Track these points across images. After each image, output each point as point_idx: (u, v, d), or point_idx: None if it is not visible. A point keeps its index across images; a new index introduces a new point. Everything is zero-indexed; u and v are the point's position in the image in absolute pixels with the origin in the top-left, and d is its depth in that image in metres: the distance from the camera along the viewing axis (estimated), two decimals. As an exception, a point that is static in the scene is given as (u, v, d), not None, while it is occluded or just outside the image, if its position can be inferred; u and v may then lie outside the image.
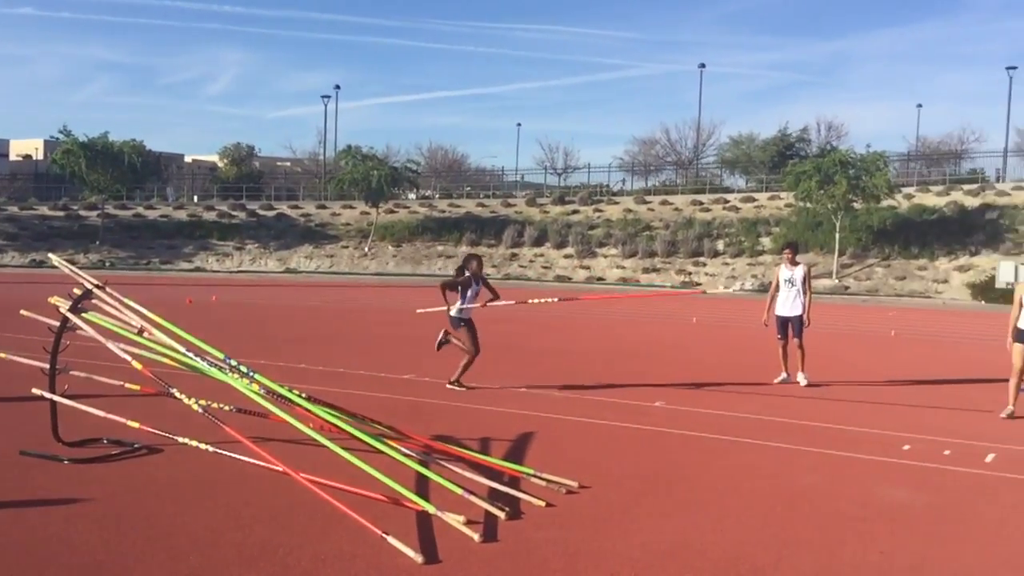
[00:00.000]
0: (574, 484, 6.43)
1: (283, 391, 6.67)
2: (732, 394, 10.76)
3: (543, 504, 5.98)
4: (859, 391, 11.31)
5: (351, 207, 52.21)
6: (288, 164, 77.33)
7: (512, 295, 12.80)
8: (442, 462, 6.81)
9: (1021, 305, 9.50)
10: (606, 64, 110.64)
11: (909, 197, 42.82)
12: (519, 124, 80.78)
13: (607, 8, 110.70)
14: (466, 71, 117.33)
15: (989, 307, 30.94)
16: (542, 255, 46.28)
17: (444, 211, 52.56)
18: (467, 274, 10.56)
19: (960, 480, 6.99)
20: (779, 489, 6.56)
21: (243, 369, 6.74)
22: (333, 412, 6.82)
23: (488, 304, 10.71)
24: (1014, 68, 50.09)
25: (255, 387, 6.58)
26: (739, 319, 21.83)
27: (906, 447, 8.06)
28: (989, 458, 7.73)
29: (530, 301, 12.10)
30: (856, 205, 39.42)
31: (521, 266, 45.64)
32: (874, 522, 5.84)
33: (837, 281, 37.93)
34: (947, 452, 7.90)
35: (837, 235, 38.79)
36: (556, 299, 12.35)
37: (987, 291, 33.67)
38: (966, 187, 43.53)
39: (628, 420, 8.96)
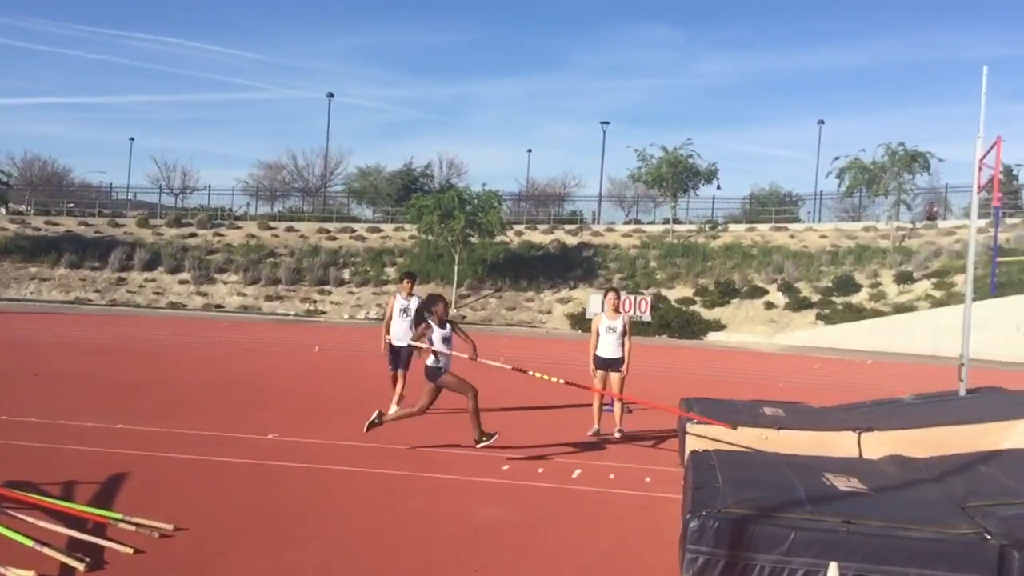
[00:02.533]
0: (168, 527, 5.94)
1: None
2: (347, 423, 10.72)
3: (131, 551, 5.45)
4: (466, 415, 11.82)
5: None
6: None
7: (125, 323, 11.67)
8: (12, 512, 5.95)
9: (598, 334, 10.65)
10: (232, 84, 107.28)
11: (519, 234, 46.41)
12: (132, 139, 75.35)
13: (234, 27, 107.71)
14: (70, 77, 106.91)
15: (585, 335, 34.40)
16: (154, 280, 43.28)
17: (40, 229, 47.22)
18: (429, 321, 9.27)
19: (551, 496, 7.54)
20: (388, 516, 6.60)
21: None
22: None
23: (478, 360, 9.59)
24: (607, 123, 56.79)
25: None
26: (362, 348, 22.00)
27: (505, 467, 8.56)
28: (576, 474, 8.45)
29: (532, 373, 10.45)
30: (473, 239, 41.85)
31: (130, 291, 42.27)
32: (473, 541, 6.08)
33: (456, 311, 39.88)
34: (541, 470, 8.51)
35: (456, 267, 40.86)
36: (562, 380, 9.96)
37: (583, 321, 37.38)
38: (567, 227, 48.21)
39: (236, 455, 8.53)
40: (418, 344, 9.34)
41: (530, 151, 68.83)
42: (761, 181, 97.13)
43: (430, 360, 9.29)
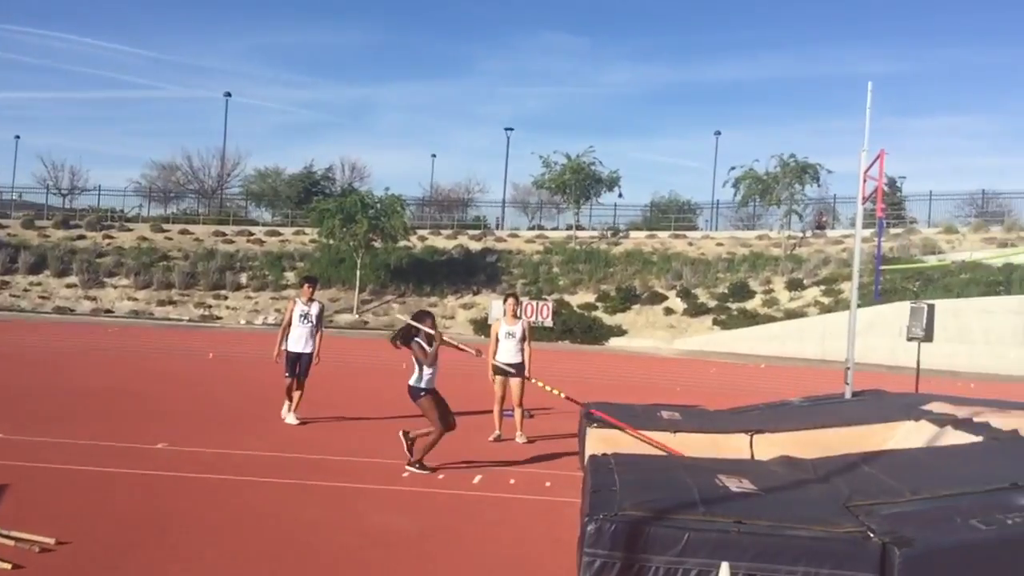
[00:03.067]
0: (50, 541, 5.67)
1: None
2: (243, 431, 10.46)
3: (9, 567, 5.18)
4: (368, 422, 11.71)
5: None
6: None
7: (7, 328, 11.10)
8: None
9: (498, 340, 10.66)
10: (124, 81, 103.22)
11: (423, 239, 46.18)
12: (17, 137, 71.82)
13: (127, 23, 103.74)
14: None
15: (487, 341, 34.47)
16: (39, 283, 41.38)
17: (-86, 229, 44.57)
18: (420, 339, 8.83)
19: (450, 502, 7.51)
20: (282, 527, 6.45)
21: None
22: None
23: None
24: (511, 130, 57.04)
25: None
26: (259, 354, 21.49)
27: (405, 474, 8.48)
28: (476, 479, 8.44)
29: (537, 382, 10.13)
30: (376, 244, 41.44)
31: (13, 295, 40.29)
32: (371, 550, 5.99)
33: (358, 316, 39.40)
34: (440, 476, 8.47)
35: (358, 272, 40.38)
36: (563, 395, 10.03)
37: (486, 327, 37.49)
38: (471, 232, 48.22)
39: (124, 465, 8.20)
40: (459, 346, 9.45)
41: (434, 156, 68.34)
42: (662, 189, 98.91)
43: (412, 379, 8.89)
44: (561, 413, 12.65)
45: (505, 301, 11.13)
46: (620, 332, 36.91)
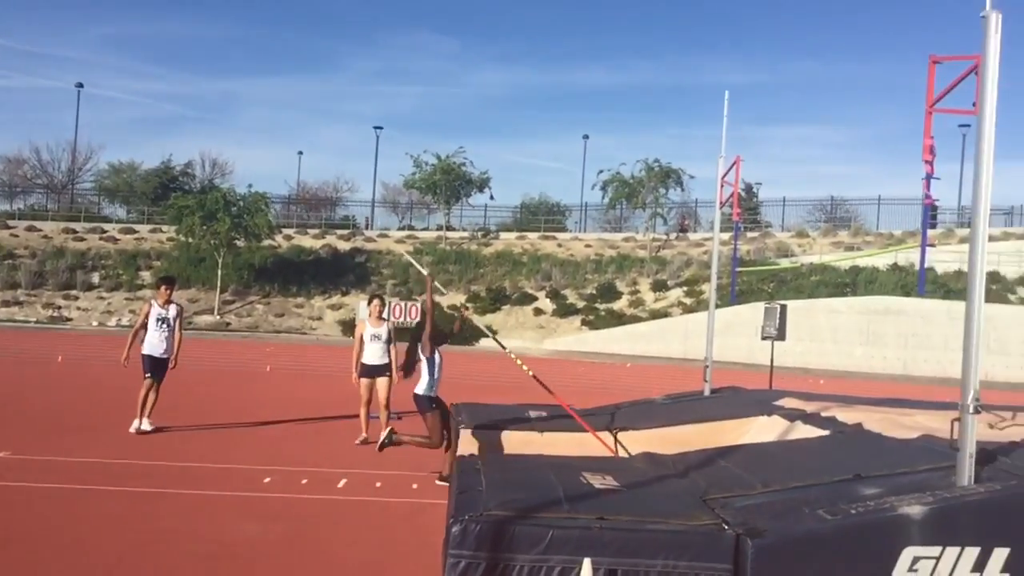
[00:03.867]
0: None
1: None
2: (94, 438, 9.92)
3: None
4: (231, 427, 11.33)
5: None
6: None
7: None
8: None
9: (363, 342, 10.51)
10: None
11: (289, 238, 45.13)
12: None
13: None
14: None
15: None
16: None
17: None
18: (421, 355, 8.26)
19: (314, 507, 7.33)
20: (135, 537, 6.14)
21: None
22: None
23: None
24: (381, 128, 56.45)
25: None
26: (109, 356, 20.46)
27: (267, 479, 8.23)
28: (342, 483, 8.28)
29: (510, 353, 9.79)
30: (239, 243, 40.22)
31: None
32: (226, 559, 5.78)
33: (219, 318, 38.13)
34: (305, 481, 8.26)
35: (220, 272, 39.08)
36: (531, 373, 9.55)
37: (354, 328, 37.04)
38: (340, 232, 47.44)
39: (-43, 477, 7.64)
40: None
41: (301, 153, 66.89)
42: (532, 191, 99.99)
43: (419, 388, 8.51)
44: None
45: (370, 303, 10.97)
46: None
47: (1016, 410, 9.49)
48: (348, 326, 36.31)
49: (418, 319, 7.62)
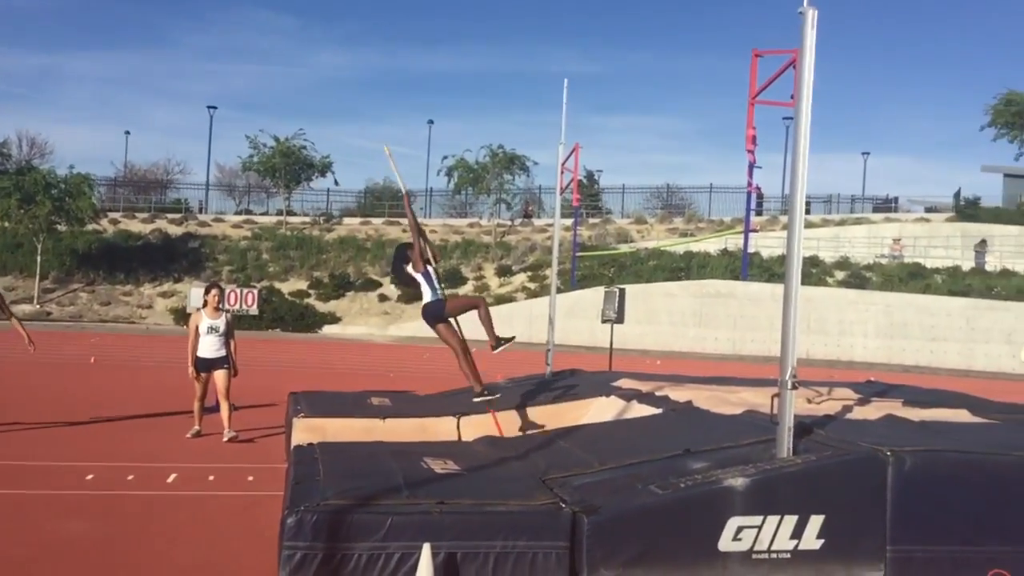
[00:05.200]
0: None
1: None
2: None
3: None
4: (51, 423, 10.60)
5: None
6: None
7: None
8: None
9: (198, 334, 9.97)
10: None
11: (115, 223, 42.77)
12: None
13: None
14: None
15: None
16: None
17: None
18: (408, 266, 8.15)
19: (140, 504, 6.96)
20: (-68, 546, 5.63)
21: None
22: None
23: None
24: (215, 108, 54.17)
25: None
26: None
27: (90, 476, 7.77)
28: (171, 478, 7.90)
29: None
30: (60, 227, 37.80)
31: None
32: (40, 561, 5.40)
33: (39, 307, 35.69)
34: (131, 477, 7.85)
35: (39, 258, 36.59)
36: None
37: (187, 316, 35.45)
38: (171, 216, 45.31)
39: None
40: None
41: (128, 133, 63.16)
42: (376, 176, 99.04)
43: (426, 298, 8.55)
44: (271, 407, 12.28)
45: (207, 292, 10.34)
46: (334, 319, 36.49)
47: (832, 385, 10.18)
48: (181, 315, 34.84)
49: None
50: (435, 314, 8.66)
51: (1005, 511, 5.63)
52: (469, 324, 8.81)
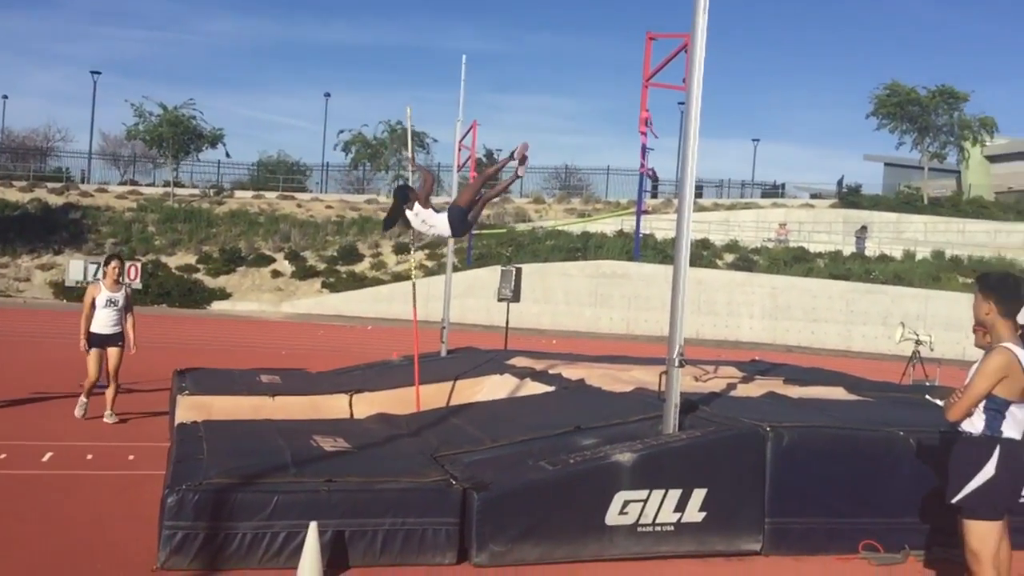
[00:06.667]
0: None
1: None
2: None
3: None
4: None
5: None
6: None
7: None
8: None
9: (94, 307, 9.44)
10: None
11: (-8, 191, 40.53)
12: None
13: None
14: None
15: (73, 306, 31.19)
16: None
17: None
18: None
19: (12, 484, 6.64)
20: None
21: None
22: None
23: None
24: (99, 73, 51.46)
25: None
26: None
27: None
28: (46, 457, 7.57)
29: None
30: (-72, 194, 35.58)
31: None
32: (-100, 550, 5.08)
33: (-97, 278, 33.58)
34: (3, 456, 7.48)
35: (-96, 226, 34.38)
36: None
37: (68, 290, 33.90)
38: (51, 185, 43.17)
39: None
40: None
41: (6, 97, 59.82)
42: (270, 148, 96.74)
43: (442, 221, 7.32)
44: (156, 385, 11.89)
45: (107, 264, 9.73)
46: (224, 295, 35.52)
47: (719, 364, 10.49)
48: (62, 288, 33.32)
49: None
50: (460, 217, 7.91)
51: (875, 484, 5.92)
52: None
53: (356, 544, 5.01)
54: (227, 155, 45.33)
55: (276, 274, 37.32)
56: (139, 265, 25.39)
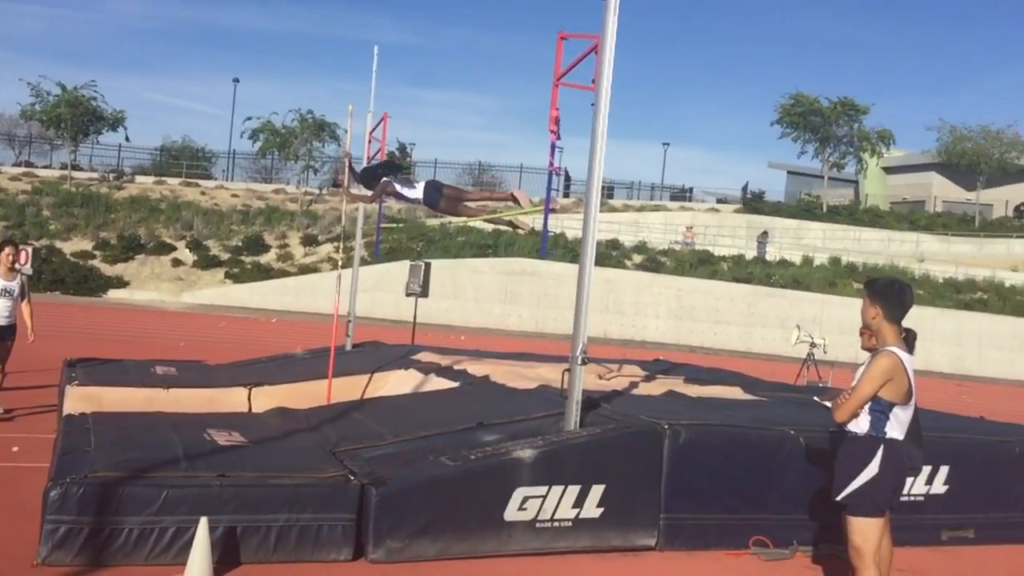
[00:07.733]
0: None
1: None
2: None
3: None
4: None
5: None
6: None
7: None
8: None
9: None
10: None
11: None
12: None
13: None
14: None
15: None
16: None
17: None
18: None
19: None
20: None
21: None
22: None
23: None
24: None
25: None
26: None
27: None
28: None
29: None
30: None
31: None
32: None
33: None
34: None
35: None
36: None
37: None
38: (-63, 164, 41.02)
39: None
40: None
41: None
42: (174, 133, 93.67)
43: (416, 191, 8.23)
44: (44, 375, 11.40)
45: (1, 250, 9.18)
46: (122, 284, 34.32)
47: (623, 363, 10.65)
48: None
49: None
50: (436, 187, 8.33)
51: (767, 482, 6.09)
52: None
53: (249, 540, 4.90)
54: (127, 138, 43.83)
55: (177, 263, 36.24)
56: (30, 250, 24.25)
